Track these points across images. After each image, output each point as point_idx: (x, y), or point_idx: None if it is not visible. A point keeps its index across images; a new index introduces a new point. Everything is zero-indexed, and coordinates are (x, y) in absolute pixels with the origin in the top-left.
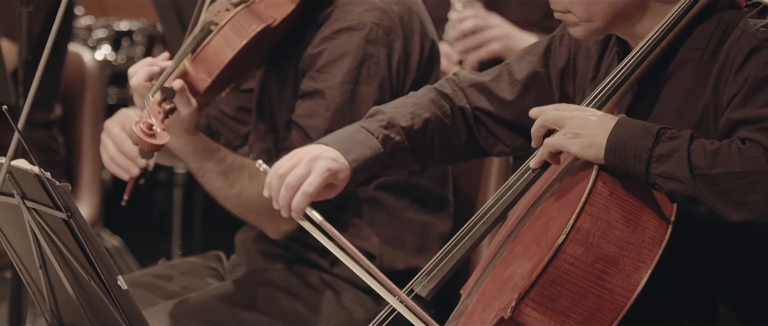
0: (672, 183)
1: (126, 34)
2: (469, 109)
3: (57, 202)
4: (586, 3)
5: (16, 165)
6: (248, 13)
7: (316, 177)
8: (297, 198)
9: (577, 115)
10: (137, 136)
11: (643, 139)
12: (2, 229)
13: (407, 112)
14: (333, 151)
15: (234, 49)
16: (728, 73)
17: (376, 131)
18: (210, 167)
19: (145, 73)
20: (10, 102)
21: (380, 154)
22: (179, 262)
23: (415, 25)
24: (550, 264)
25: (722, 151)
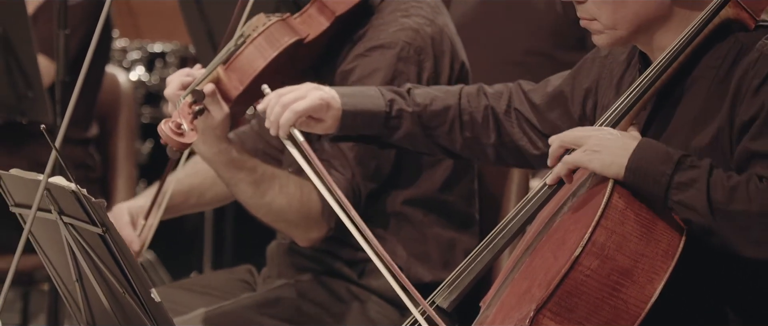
0: (689, 213)
1: (159, 56)
2: (504, 109)
3: (93, 218)
4: (612, 12)
5: (54, 182)
6: (282, 25)
7: (307, 101)
8: (285, 114)
9: (595, 134)
10: (166, 134)
11: (664, 164)
12: (40, 244)
13: (431, 93)
14: (334, 92)
15: (266, 59)
16: (745, 93)
17: (387, 93)
18: (242, 177)
19: (179, 82)
20: (48, 121)
21: (381, 112)
22: (211, 275)
23: (445, 47)
24: (567, 276)
25: (740, 188)
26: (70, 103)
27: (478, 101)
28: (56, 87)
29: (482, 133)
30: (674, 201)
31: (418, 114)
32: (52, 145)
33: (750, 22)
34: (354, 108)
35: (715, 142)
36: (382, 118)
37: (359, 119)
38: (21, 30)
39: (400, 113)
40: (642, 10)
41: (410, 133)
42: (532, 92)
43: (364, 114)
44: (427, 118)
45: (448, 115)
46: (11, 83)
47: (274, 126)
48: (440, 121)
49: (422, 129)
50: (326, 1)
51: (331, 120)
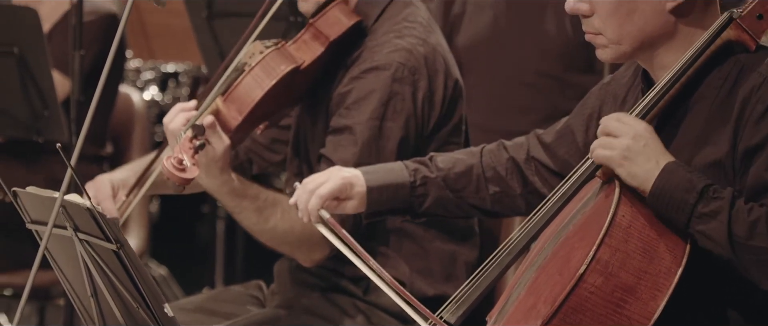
0: (710, 244)
1: (172, 76)
2: (524, 158)
3: (107, 234)
4: (618, 27)
5: (70, 199)
6: (278, 54)
7: (330, 183)
8: (312, 200)
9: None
10: (168, 171)
11: (688, 193)
12: (56, 259)
13: (453, 157)
14: (357, 171)
15: (263, 89)
16: (748, 117)
17: (411, 164)
18: (245, 205)
19: (183, 118)
20: (64, 139)
21: (406, 183)
22: (222, 290)
23: (439, 66)
24: (572, 293)
25: (761, 224)
26: (85, 121)
27: (500, 155)
28: (71, 106)
29: (508, 185)
30: (696, 231)
31: (443, 178)
32: (67, 163)
33: (751, 44)
34: (378, 183)
35: (717, 163)
36: (408, 188)
37: (385, 193)
38: (37, 50)
39: (425, 181)
40: (647, 26)
41: (439, 198)
42: (545, 134)
43: (389, 187)
44: (453, 181)
45: (473, 173)
46: (28, 102)
47: (305, 213)
48: (466, 181)
49: (451, 192)
50: (320, 27)
51: (358, 198)
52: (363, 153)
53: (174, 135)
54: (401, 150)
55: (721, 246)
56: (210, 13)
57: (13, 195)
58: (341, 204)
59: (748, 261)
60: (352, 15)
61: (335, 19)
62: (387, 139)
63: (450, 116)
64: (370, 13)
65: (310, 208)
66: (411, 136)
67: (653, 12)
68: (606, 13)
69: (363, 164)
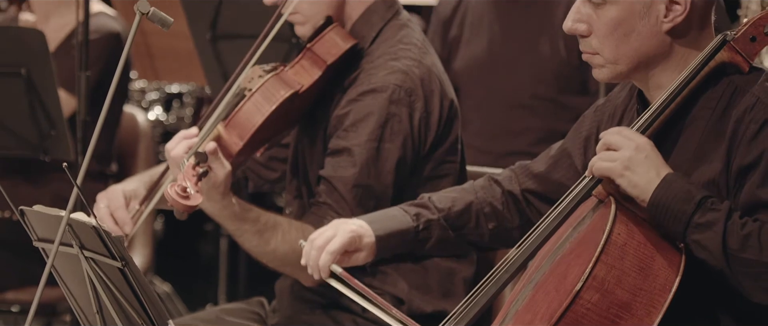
0: (704, 253)
1: (176, 96)
2: (518, 191)
3: (112, 252)
4: (615, 47)
5: (75, 217)
6: (277, 80)
7: (339, 238)
8: (323, 256)
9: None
10: (173, 199)
11: (686, 203)
12: (62, 276)
13: (449, 196)
14: (361, 221)
15: (263, 115)
16: (742, 137)
17: (410, 209)
18: (246, 228)
19: (185, 146)
20: (70, 158)
21: (410, 228)
22: (225, 307)
23: (434, 86)
24: (568, 310)
25: (753, 237)
26: (90, 141)
27: (493, 190)
28: (77, 126)
29: (506, 219)
30: (691, 240)
31: (445, 217)
32: (73, 182)
33: (744, 66)
34: (386, 231)
35: (711, 181)
36: (412, 233)
37: (393, 240)
38: (44, 71)
39: (428, 224)
40: (643, 46)
41: (440, 239)
42: (534, 164)
43: (395, 234)
44: (454, 220)
45: (472, 210)
46: (35, 122)
47: (315, 270)
48: (467, 219)
49: (452, 231)
50: (317, 51)
51: (368, 248)
52: (362, 174)
53: (176, 162)
54: (399, 170)
55: (714, 256)
56: (213, 35)
57: (21, 214)
58: (352, 256)
59: (740, 272)
60: (348, 38)
61: (332, 43)
62: (385, 159)
63: (446, 136)
64: (366, 35)
65: (322, 265)
66: (408, 156)
67: (650, 33)
68: (603, 33)
69: (361, 184)
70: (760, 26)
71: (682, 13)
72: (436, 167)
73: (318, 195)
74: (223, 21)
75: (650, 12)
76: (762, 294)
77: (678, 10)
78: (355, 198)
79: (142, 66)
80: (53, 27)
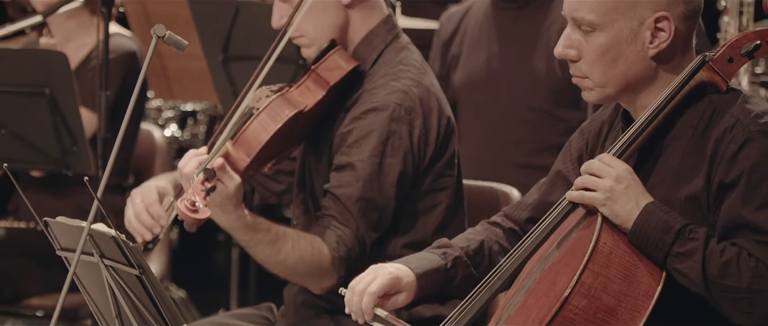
0: (685, 281)
1: (191, 114)
2: (518, 227)
3: (130, 260)
4: (603, 71)
5: (96, 228)
6: (282, 100)
7: (379, 280)
8: (365, 299)
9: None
10: (182, 212)
11: (665, 233)
12: (84, 283)
13: (463, 237)
14: (396, 263)
15: (269, 133)
16: (722, 156)
17: (436, 251)
18: (258, 238)
19: (195, 163)
20: (91, 172)
21: (442, 266)
22: (236, 312)
23: (433, 105)
24: (557, 314)
25: (732, 265)
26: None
27: (495, 231)
28: (98, 143)
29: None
30: (672, 269)
31: (466, 254)
32: (94, 195)
33: (722, 85)
34: (423, 270)
35: (693, 197)
36: (443, 271)
37: (430, 278)
38: (66, 91)
39: (455, 262)
40: (630, 71)
41: (464, 276)
42: (526, 198)
43: (431, 273)
44: (472, 256)
45: (485, 248)
46: (58, 139)
47: (359, 315)
48: (482, 256)
49: (473, 268)
50: (321, 72)
51: (408, 289)
52: (365, 187)
53: (187, 178)
54: (400, 183)
55: (695, 283)
56: (225, 56)
57: (45, 225)
58: (391, 299)
59: (720, 297)
60: (350, 60)
61: (335, 65)
62: (387, 174)
63: (444, 151)
64: (367, 57)
65: (365, 308)
66: (409, 171)
67: (636, 58)
68: (592, 59)
69: (365, 197)
70: (736, 48)
71: (667, 40)
72: (435, 180)
73: (324, 208)
74: (234, 44)
75: (637, 38)
76: (741, 316)
77: (663, 36)
78: (360, 210)
79: (159, 86)
80: (73, 48)
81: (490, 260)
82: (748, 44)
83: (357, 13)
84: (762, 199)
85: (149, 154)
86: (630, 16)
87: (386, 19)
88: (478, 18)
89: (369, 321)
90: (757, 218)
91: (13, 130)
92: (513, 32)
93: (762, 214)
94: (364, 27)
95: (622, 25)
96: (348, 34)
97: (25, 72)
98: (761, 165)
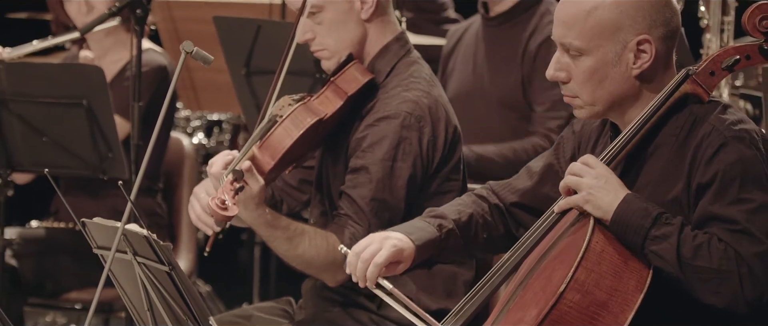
0: (661, 262)
1: (216, 123)
2: (503, 206)
3: (161, 258)
4: (592, 91)
5: (129, 228)
6: (304, 109)
7: (385, 251)
8: (370, 269)
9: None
10: (212, 209)
11: (644, 219)
12: (118, 279)
13: (455, 209)
14: (399, 233)
15: (292, 138)
16: (700, 160)
17: (432, 221)
18: (278, 234)
19: (223, 162)
20: (125, 177)
21: (436, 237)
22: (258, 306)
23: (441, 114)
24: (553, 308)
25: (703, 247)
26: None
27: (481, 205)
28: (131, 150)
29: (494, 229)
30: (649, 251)
31: (457, 227)
32: (127, 198)
33: (704, 96)
34: (422, 241)
35: (675, 199)
36: (438, 242)
37: (427, 249)
38: (102, 102)
39: (448, 233)
40: (617, 90)
41: (454, 246)
42: (516, 181)
43: (429, 243)
44: (462, 229)
45: (473, 222)
46: (95, 146)
47: (362, 280)
48: (469, 228)
49: (463, 240)
50: (340, 84)
51: (408, 259)
52: (377, 189)
53: (216, 178)
54: (410, 186)
55: (670, 264)
56: (247, 71)
57: (82, 225)
58: (391, 268)
59: (692, 278)
60: (366, 73)
61: (352, 77)
62: (398, 177)
63: (451, 156)
64: (382, 70)
65: (370, 277)
66: (418, 174)
67: (621, 78)
68: (581, 80)
69: (377, 198)
70: (718, 62)
71: (649, 60)
72: (442, 184)
73: (339, 208)
74: (256, 59)
75: (621, 60)
76: (712, 296)
77: (645, 57)
78: (372, 210)
79: (187, 97)
80: (109, 62)
81: (476, 233)
82: (729, 59)
83: (373, 29)
84: (733, 196)
85: (178, 160)
86: (614, 40)
87: (399, 35)
88: (471, 34)
89: (371, 288)
90: (727, 211)
91: (53, 137)
92: (496, 44)
93: (732, 208)
94: (379, 42)
95: (607, 49)
96: (365, 48)
97: (65, 85)
98: (734, 166)
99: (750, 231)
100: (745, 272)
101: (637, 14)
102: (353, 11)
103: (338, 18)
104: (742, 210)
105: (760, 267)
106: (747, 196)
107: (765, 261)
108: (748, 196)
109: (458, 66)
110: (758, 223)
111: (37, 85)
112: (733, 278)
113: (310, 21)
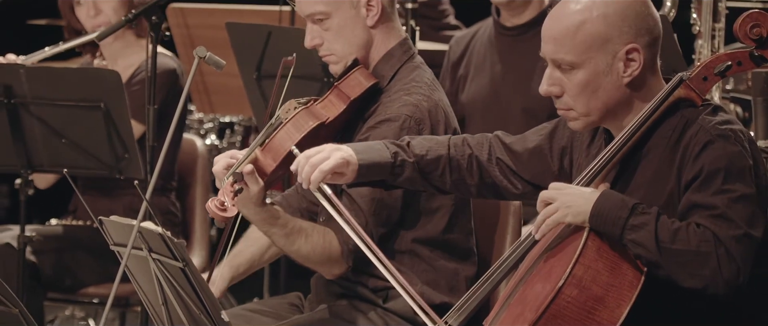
0: (640, 249)
1: (228, 125)
2: (486, 157)
3: (175, 255)
4: (585, 103)
5: (145, 226)
6: (307, 112)
7: (331, 160)
8: (315, 173)
9: (567, 195)
10: (212, 211)
11: (621, 210)
12: (134, 274)
13: (426, 145)
14: (350, 150)
15: (293, 141)
16: (687, 159)
17: (391, 147)
18: (275, 231)
19: (225, 163)
20: (140, 177)
21: (388, 163)
22: (268, 300)
23: (440, 117)
24: (552, 303)
25: (681, 231)
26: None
27: (463, 150)
28: (147, 151)
29: (466, 175)
30: (628, 240)
31: (417, 162)
32: (143, 197)
33: (697, 100)
34: (368, 161)
35: (668, 199)
36: (389, 167)
37: (372, 170)
38: (119, 105)
39: (402, 163)
40: (610, 100)
41: (410, 177)
42: (514, 144)
43: (375, 165)
44: (424, 165)
45: (440, 162)
46: (111, 147)
47: (306, 182)
48: (434, 167)
49: (420, 174)
50: (343, 89)
51: (351, 173)
52: (376, 188)
53: (218, 176)
54: None
55: (649, 250)
56: (258, 75)
57: (100, 223)
58: (336, 177)
59: (671, 262)
60: (370, 77)
61: (356, 82)
62: None
63: None
64: (385, 75)
65: (313, 180)
66: None
67: (613, 87)
68: (574, 93)
69: (375, 197)
70: (710, 68)
71: (638, 67)
72: None
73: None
74: (267, 64)
75: (612, 70)
76: (691, 279)
77: (634, 65)
78: (371, 208)
79: (200, 100)
80: (121, 67)
81: (442, 173)
82: (721, 65)
83: (378, 35)
84: (716, 187)
85: (191, 161)
86: (604, 51)
87: (403, 41)
88: (483, 42)
89: (313, 191)
90: (709, 199)
91: (72, 139)
92: (513, 56)
93: (715, 197)
94: (383, 47)
95: (598, 60)
96: (370, 53)
97: (83, 88)
98: (718, 161)
99: (729, 216)
100: (723, 253)
101: (624, 24)
102: (359, 18)
103: (345, 24)
104: (724, 199)
105: (737, 249)
106: (729, 187)
107: (742, 244)
108: (731, 187)
109: (472, 74)
110: (738, 210)
111: (57, 88)
112: (711, 259)
113: (318, 27)
